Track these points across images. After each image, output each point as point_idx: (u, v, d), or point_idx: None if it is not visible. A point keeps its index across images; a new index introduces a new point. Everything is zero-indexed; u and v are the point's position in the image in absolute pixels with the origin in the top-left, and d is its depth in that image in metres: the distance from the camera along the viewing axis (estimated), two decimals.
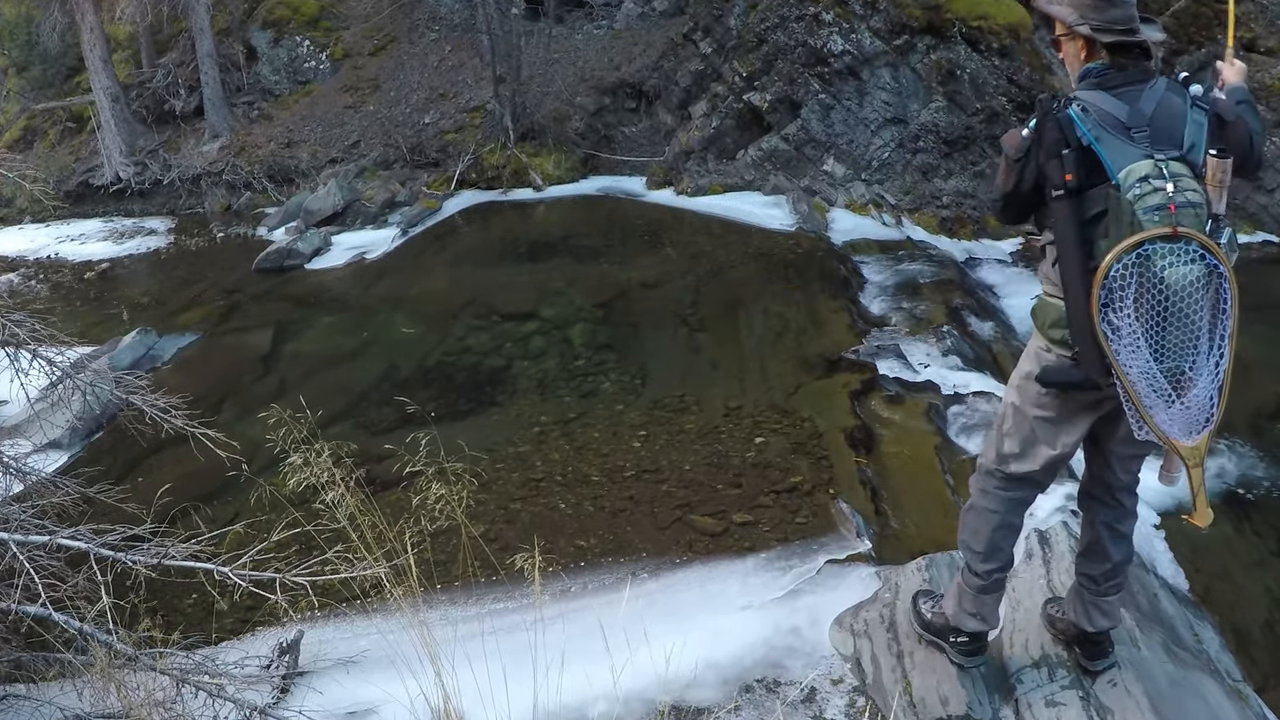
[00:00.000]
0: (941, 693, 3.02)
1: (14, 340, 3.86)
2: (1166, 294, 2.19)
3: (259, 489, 3.46)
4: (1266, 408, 5.64)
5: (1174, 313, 2.21)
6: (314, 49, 12.54)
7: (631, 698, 3.18)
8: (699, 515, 4.45)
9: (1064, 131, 2.34)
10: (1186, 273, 2.19)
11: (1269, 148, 8.46)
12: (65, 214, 11.27)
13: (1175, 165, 2.28)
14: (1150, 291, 2.20)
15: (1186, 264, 2.19)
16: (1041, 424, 2.65)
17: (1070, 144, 2.33)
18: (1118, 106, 2.35)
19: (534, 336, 6.80)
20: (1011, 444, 2.73)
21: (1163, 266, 2.19)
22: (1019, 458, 2.72)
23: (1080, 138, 2.32)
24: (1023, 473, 2.73)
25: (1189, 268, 2.19)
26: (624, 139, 10.89)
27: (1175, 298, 2.19)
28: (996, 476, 2.79)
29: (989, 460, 2.82)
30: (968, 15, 9.15)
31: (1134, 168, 2.27)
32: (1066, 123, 2.35)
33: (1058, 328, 2.51)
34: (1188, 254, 2.19)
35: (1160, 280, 2.19)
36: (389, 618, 3.42)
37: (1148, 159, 2.28)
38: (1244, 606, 4.08)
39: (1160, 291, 2.20)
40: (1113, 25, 2.42)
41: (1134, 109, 2.35)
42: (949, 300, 6.93)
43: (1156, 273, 2.19)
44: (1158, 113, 2.35)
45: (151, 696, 2.94)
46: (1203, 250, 2.20)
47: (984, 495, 2.84)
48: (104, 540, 3.20)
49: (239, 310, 7.92)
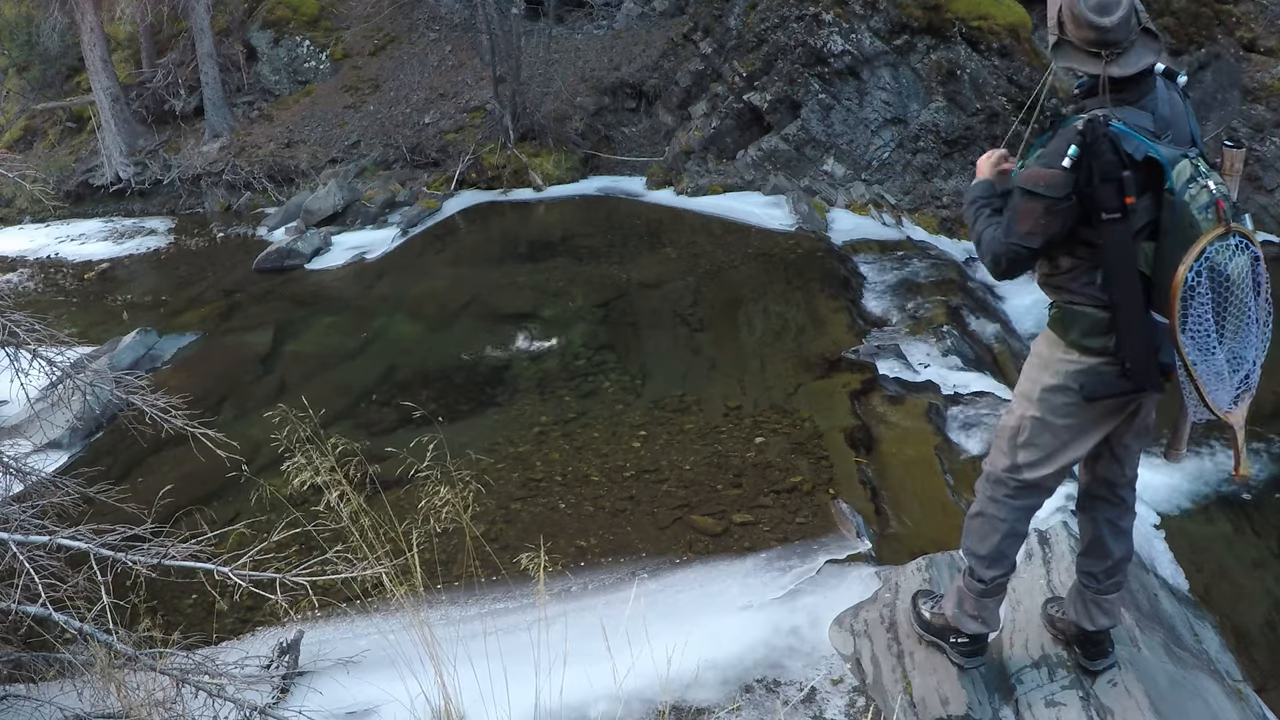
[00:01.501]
0: (942, 693, 3.02)
1: (14, 340, 3.86)
2: (1229, 287, 2.27)
3: (259, 489, 3.46)
4: (1266, 408, 5.64)
5: (1234, 303, 2.29)
6: (314, 49, 12.55)
7: (632, 698, 3.18)
8: (699, 515, 4.45)
9: (1119, 152, 2.24)
10: (1241, 264, 2.27)
11: (1269, 148, 8.46)
12: (65, 214, 11.28)
13: (1201, 161, 2.31)
14: (1218, 289, 2.27)
15: (1240, 255, 2.27)
16: (1068, 432, 2.61)
17: (1126, 163, 2.24)
18: (1141, 115, 2.33)
19: (534, 336, 6.80)
20: (1029, 454, 2.67)
21: (1222, 262, 2.26)
22: (1035, 465, 2.67)
23: (1134, 152, 2.25)
24: (1038, 478, 2.69)
25: (1242, 258, 2.27)
26: (624, 139, 10.89)
27: (1235, 289, 2.28)
28: (1009, 485, 2.74)
29: (999, 469, 2.76)
30: (968, 15, 9.15)
31: (1178, 170, 2.26)
32: (1118, 139, 2.24)
33: (1094, 336, 2.46)
34: (1238, 246, 2.27)
35: (1225, 276, 2.26)
36: (389, 618, 3.42)
37: (1185, 159, 2.29)
38: (1244, 606, 4.09)
39: (1225, 286, 2.27)
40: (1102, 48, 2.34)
41: (1156, 115, 2.35)
42: (949, 300, 6.93)
43: (1220, 269, 2.26)
44: (1172, 113, 2.38)
45: (151, 696, 2.93)
46: (1245, 240, 2.28)
47: (993, 504, 2.79)
48: (104, 540, 3.20)
49: (239, 310, 7.92)
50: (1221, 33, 8.94)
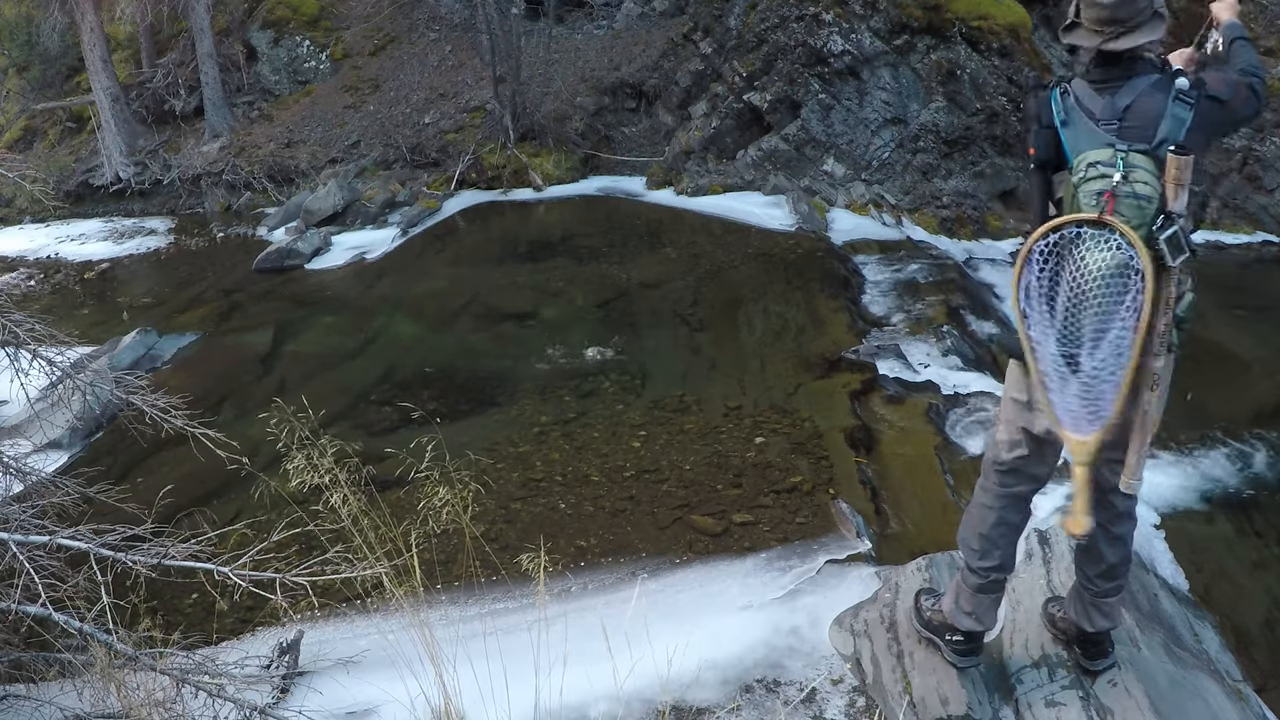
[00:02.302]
0: (942, 693, 3.02)
1: (14, 340, 3.85)
2: (1085, 278, 2.26)
3: (259, 489, 3.46)
4: (1266, 408, 5.65)
5: (1088, 297, 2.26)
6: (314, 49, 12.55)
7: (632, 698, 3.18)
8: (699, 515, 4.45)
9: (1040, 109, 2.49)
10: (1103, 259, 2.24)
11: (1268, 148, 8.46)
12: (65, 214, 11.28)
13: (1136, 158, 2.32)
14: (1072, 274, 2.27)
15: (1105, 251, 2.24)
16: (1018, 406, 2.70)
17: (1043, 121, 2.47)
18: (1094, 99, 2.44)
19: (534, 336, 6.80)
20: (1002, 433, 2.80)
21: (1085, 250, 2.26)
22: (1010, 445, 2.78)
23: (1050, 118, 2.46)
24: (1013, 459, 2.77)
25: (1106, 255, 2.24)
26: (624, 139, 10.90)
27: (1090, 283, 2.25)
28: (994, 470, 2.85)
29: (988, 456, 2.89)
30: (968, 15, 9.16)
31: (1089, 154, 2.35)
32: (1044, 102, 2.50)
33: None
34: (1109, 242, 2.24)
35: (1082, 263, 2.26)
36: (389, 618, 3.42)
37: (1108, 148, 2.34)
38: (1244, 606, 4.09)
39: (1081, 275, 2.26)
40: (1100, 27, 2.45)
41: (1109, 102, 2.42)
42: (949, 300, 6.93)
43: (1080, 255, 2.26)
44: (1133, 107, 2.40)
45: (151, 696, 2.93)
46: (1126, 242, 2.23)
47: (983, 492, 2.90)
48: (104, 540, 3.20)
49: (239, 310, 7.92)
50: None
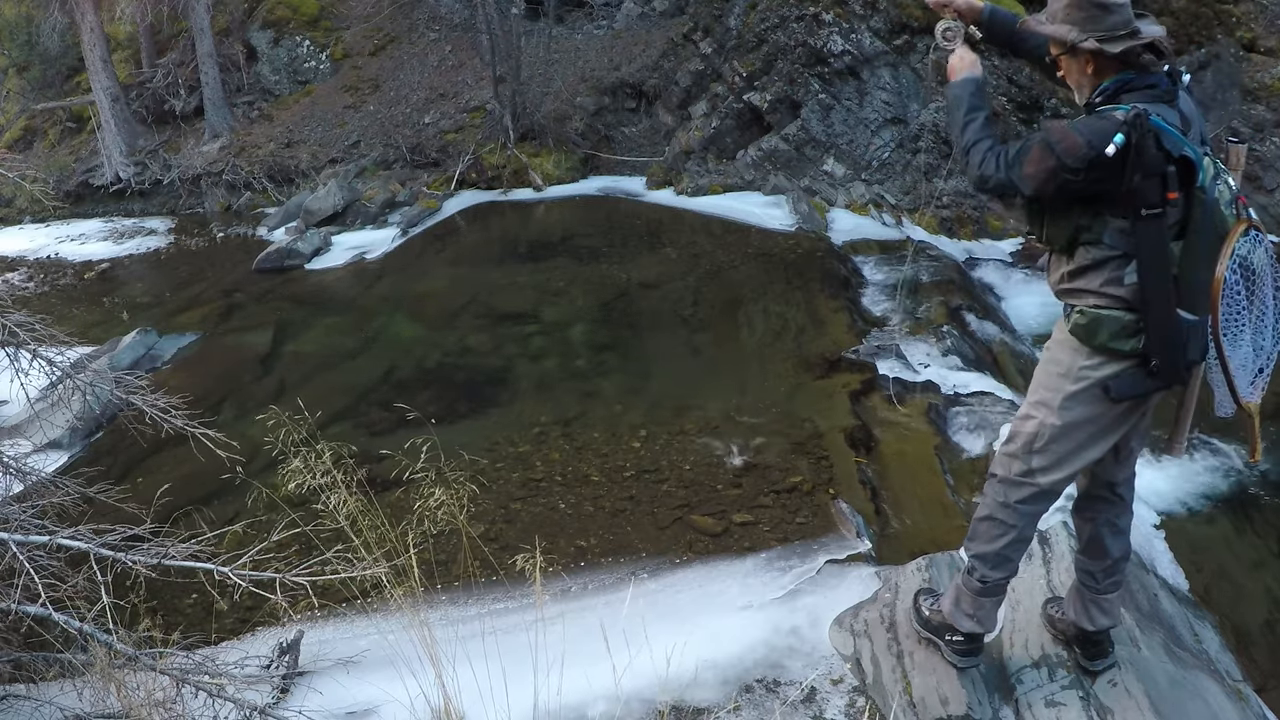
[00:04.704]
0: (941, 693, 3.02)
1: (14, 340, 3.85)
2: (1255, 280, 2.34)
3: (259, 489, 3.46)
4: (1266, 408, 5.63)
5: (1257, 294, 2.35)
6: (314, 49, 12.55)
7: (632, 698, 3.18)
8: (699, 515, 4.45)
9: (1161, 147, 2.23)
10: (1262, 255, 2.34)
11: (1269, 148, 8.46)
12: (65, 214, 11.30)
13: (1216, 159, 2.37)
14: (1247, 282, 2.34)
15: (1259, 248, 2.34)
16: (1089, 437, 2.58)
17: (1171, 159, 2.23)
18: (1169, 113, 2.31)
19: (534, 336, 6.80)
20: (1044, 459, 2.63)
21: (1246, 255, 2.32)
22: (1050, 470, 2.64)
23: (1172, 149, 2.24)
24: (1052, 483, 2.66)
25: (1260, 250, 2.34)
26: (624, 139, 10.89)
27: (1258, 281, 2.34)
28: (1023, 491, 2.69)
29: (1013, 474, 2.71)
30: None
31: (1205, 168, 2.32)
32: (1160, 135, 2.23)
33: (1124, 339, 2.42)
34: (1256, 239, 2.33)
35: (1251, 269, 2.33)
36: (389, 618, 3.42)
37: (1206, 157, 2.35)
38: (1244, 606, 4.09)
39: (1251, 279, 2.34)
40: (1114, 32, 2.36)
41: (1181, 112, 2.36)
42: (949, 300, 6.93)
43: (1248, 263, 2.33)
44: (1192, 112, 2.41)
45: (151, 696, 2.93)
46: (1259, 231, 2.35)
47: (1004, 509, 2.75)
48: (104, 540, 3.20)
49: (239, 310, 7.92)
50: (1221, 33, 8.93)
